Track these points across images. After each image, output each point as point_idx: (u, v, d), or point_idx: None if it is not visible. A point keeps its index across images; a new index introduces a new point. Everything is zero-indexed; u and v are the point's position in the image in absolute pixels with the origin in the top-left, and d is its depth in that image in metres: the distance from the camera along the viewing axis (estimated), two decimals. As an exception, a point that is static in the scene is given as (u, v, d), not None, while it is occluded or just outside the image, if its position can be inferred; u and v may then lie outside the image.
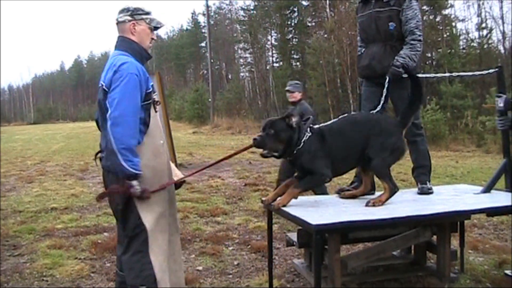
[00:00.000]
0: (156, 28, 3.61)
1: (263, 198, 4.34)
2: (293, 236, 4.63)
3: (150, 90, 3.43)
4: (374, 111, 4.49)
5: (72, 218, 7.64)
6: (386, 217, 3.64)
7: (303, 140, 3.85)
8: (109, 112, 3.21)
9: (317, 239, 3.44)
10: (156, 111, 3.53)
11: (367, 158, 4.02)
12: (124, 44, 3.51)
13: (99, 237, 6.50)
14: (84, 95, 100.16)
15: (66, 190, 10.38)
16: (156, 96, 3.63)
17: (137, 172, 3.26)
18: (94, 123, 3.69)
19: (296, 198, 3.95)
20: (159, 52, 76.70)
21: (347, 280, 4.35)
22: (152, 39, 3.60)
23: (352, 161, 4.12)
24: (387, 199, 4.04)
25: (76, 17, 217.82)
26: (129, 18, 3.48)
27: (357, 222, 3.52)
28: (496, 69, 4.61)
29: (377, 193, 4.47)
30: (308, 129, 3.93)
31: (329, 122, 4.10)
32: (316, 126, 4.04)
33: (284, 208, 3.88)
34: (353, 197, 4.42)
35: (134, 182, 3.29)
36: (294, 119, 3.83)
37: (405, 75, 4.49)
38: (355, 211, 3.83)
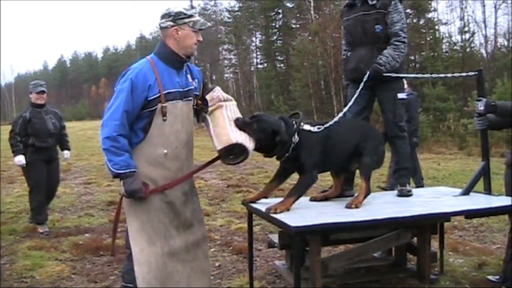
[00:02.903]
0: (200, 29, 3.59)
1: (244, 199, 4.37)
2: (275, 238, 4.64)
3: (154, 97, 3.40)
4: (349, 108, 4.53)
5: (53, 219, 7.59)
6: (366, 218, 3.67)
7: (291, 146, 3.85)
8: None
9: (297, 241, 3.46)
10: (164, 119, 3.44)
11: (357, 156, 4.14)
12: (157, 48, 3.61)
13: (80, 238, 6.47)
14: (68, 95, 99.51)
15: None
16: (209, 107, 3.72)
17: (118, 171, 3.30)
18: (78, 123, 3.70)
19: (289, 209, 3.89)
20: (143, 53, 76.18)
21: (328, 281, 4.37)
22: (198, 40, 3.58)
23: (341, 161, 4.22)
24: (364, 199, 4.10)
25: (59, 16, 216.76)
26: (171, 23, 3.48)
27: (337, 224, 3.53)
28: (476, 72, 4.65)
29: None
30: (296, 133, 3.89)
31: (328, 124, 4.10)
32: (313, 127, 4.02)
33: (264, 210, 3.88)
34: (326, 199, 4.46)
35: (122, 182, 3.36)
36: (280, 136, 3.80)
37: (386, 74, 4.54)
38: (335, 213, 3.85)
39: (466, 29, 30.63)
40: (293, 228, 3.35)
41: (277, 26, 44.85)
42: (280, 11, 43.87)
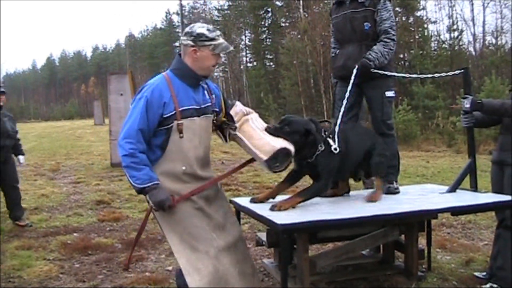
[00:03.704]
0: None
1: (233, 199, 4.37)
2: (263, 236, 4.64)
3: (170, 114, 3.39)
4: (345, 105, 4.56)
5: (42, 219, 7.58)
6: (353, 216, 3.69)
7: (316, 153, 3.89)
8: None
9: (283, 239, 3.46)
10: (181, 136, 3.44)
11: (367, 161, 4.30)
12: (175, 63, 3.59)
13: (68, 238, 6.45)
14: (57, 94, 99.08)
15: (37, 190, 10.26)
16: (236, 123, 3.75)
17: (141, 186, 3.31)
18: (67, 122, 3.70)
19: (294, 206, 3.91)
20: (132, 51, 76.35)
21: (316, 279, 4.38)
22: (217, 62, 3.58)
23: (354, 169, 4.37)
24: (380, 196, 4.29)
25: (48, 15, 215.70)
26: (191, 43, 3.44)
27: (323, 222, 3.53)
28: (462, 71, 4.67)
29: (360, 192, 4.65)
30: (323, 142, 3.94)
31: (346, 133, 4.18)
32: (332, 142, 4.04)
33: (251, 208, 3.90)
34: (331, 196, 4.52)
35: (147, 196, 3.36)
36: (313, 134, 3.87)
37: (374, 71, 4.57)
38: (321, 210, 3.86)
39: (455, 27, 30.81)
40: (279, 226, 3.35)
41: (266, 24, 44.91)
42: (269, 9, 43.90)
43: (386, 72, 4.66)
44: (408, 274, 4.58)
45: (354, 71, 4.58)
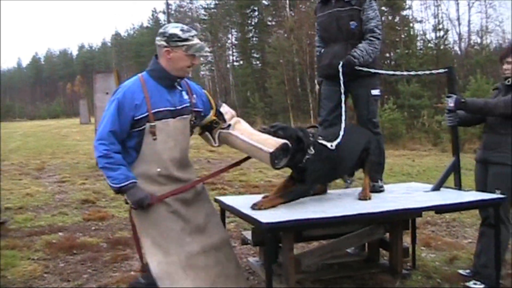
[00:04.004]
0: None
1: (218, 197, 4.37)
2: (248, 235, 4.64)
3: (142, 116, 3.37)
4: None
5: (27, 218, 7.49)
6: (338, 214, 3.69)
7: (306, 158, 3.88)
8: None
9: (268, 237, 3.47)
10: (155, 138, 3.42)
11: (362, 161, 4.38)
12: (151, 64, 3.55)
13: (53, 237, 6.39)
14: (42, 92, 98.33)
15: (21, 189, 10.14)
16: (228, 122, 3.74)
17: (118, 185, 3.32)
18: (52, 121, 3.68)
19: (275, 206, 3.88)
20: (118, 50, 75.97)
21: (302, 277, 4.38)
22: (193, 63, 3.52)
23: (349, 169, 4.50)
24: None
25: (33, 14, 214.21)
26: (164, 44, 3.41)
27: (308, 220, 3.53)
28: (446, 70, 4.70)
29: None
30: (312, 146, 3.93)
31: (340, 137, 4.16)
32: (325, 141, 4.06)
33: (236, 206, 3.90)
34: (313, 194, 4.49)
35: (126, 196, 3.37)
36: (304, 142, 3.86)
37: (359, 68, 4.59)
38: (307, 209, 3.85)
39: (440, 26, 31.13)
40: (264, 225, 3.35)
41: (253, 23, 45.00)
42: (256, 8, 44.00)
43: (370, 69, 4.67)
44: (393, 272, 4.61)
45: (339, 68, 4.58)
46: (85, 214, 7.71)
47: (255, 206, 3.79)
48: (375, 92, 4.84)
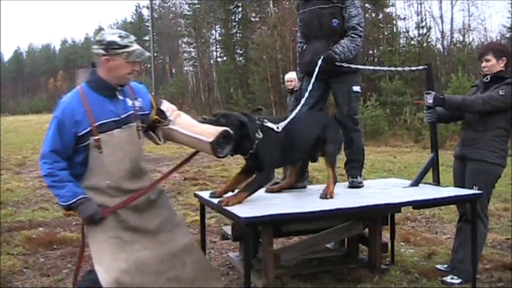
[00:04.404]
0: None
1: (198, 192, 4.37)
2: (228, 230, 4.66)
3: (85, 132, 3.25)
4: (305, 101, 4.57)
5: (6, 213, 7.46)
6: (316, 209, 3.72)
7: (255, 143, 3.85)
8: None
9: (246, 232, 3.48)
10: (100, 152, 3.29)
11: (321, 147, 4.30)
12: (89, 75, 3.41)
13: (33, 232, 6.36)
14: (24, 87, 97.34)
15: (2, 184, 10.06)
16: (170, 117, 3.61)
17: (67, 203, 3.24)
18: (34, 117, 3.62)
19: (241, 202, 3.86)
20: (102, 45, 75.23)
21: (281, 272, 4.40)
22: (134, 70, 3.36)
23: (303, 154, 4.37)
24: (333, 187, 4.25)
25: (14, 7, 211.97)
26: (103, 52, 3.24)
27: (286, 215, 3.56)
28: (425, 66, 4.74)
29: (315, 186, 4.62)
30: (259, 130, 3.90)
31: (288, 119, 4.13)
32: (272, 124, 4.03)
33: (216, 202, 3.89)
34: (281, 190, 4.51)
35: (76, 212, 3.28)
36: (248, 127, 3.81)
37: (339, 64, 4.60)
38: (285, 204, 3.88)
39: (423, 24, 31.24)
40: (243, 220, 3.37)
41: (236, 19, 44.93)
42: (239, 4, 43.96)
43: (350, 65, 4.67)
44: (371, 267, 4.67)
45: (319, 62, 4.59)
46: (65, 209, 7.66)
47: (220, 203, 3.77)
48: (356, 88, 4.85)
